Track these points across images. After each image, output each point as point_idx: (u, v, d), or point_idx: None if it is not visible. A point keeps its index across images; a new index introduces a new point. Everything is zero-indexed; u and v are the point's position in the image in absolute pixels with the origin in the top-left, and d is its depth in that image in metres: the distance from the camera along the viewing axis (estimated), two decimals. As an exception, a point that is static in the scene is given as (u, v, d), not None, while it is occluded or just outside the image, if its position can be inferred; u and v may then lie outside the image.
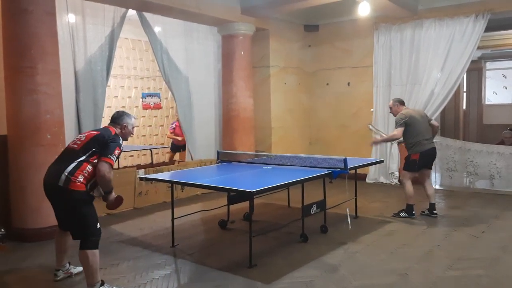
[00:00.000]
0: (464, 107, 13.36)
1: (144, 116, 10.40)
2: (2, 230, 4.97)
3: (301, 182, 4.57)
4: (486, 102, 13.74)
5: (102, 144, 3.61)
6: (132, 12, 6.80)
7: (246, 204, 5.18)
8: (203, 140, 8.23)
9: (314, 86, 9.51)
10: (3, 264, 4.43)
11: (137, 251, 4.76)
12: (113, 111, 9.57)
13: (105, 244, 4.99)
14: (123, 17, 6.64)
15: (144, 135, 10.41)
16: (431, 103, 7.83)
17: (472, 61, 8.16)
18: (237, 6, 7.67)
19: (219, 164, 6.09)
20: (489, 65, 13.50)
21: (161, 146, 10.49)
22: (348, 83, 9.03)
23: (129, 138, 4.12)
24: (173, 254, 4.62)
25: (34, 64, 5.07)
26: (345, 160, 4.85)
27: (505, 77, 13.48)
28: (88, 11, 6.25)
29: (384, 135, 8.33)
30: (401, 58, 8.13)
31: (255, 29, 8.10)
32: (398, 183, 8.26)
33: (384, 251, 4.58)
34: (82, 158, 3.55)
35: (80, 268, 3.91)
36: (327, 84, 9.33)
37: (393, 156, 8.30)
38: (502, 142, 8.29)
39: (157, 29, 7.26)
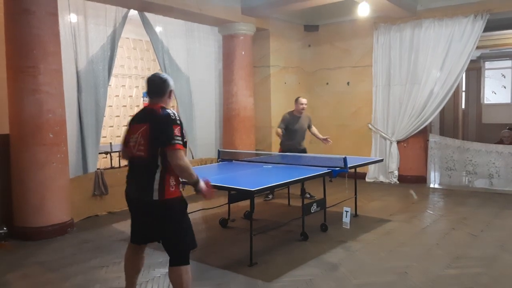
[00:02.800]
0: (463, 106, 13.40)
1: (144, 116, 10.42)
2: (4, 228, 5.04)
3: (302, 181, 4.60)
4: (485, 102, 13.77)
5: (158, 134, 2.93)
6: (133, 12, 6.84)
7: (246, 202, 5.25)
8: (204, 139, 8.26)
9: (314, 85, 9.55)
10: (5, 262, 4.47)
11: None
12: (114, 110, 9.76)
13: (107, 242, 5.06)
14: (125, 17, 6.67)
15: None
16: (430, 102, 7.88)
17: (471, 61, 8.20)
18: (238, 7, 7.70)
19: (220, 162, 6.12)
20: (488, 64, 13.53)
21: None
22: (348, 83, 9.07)
23: None
24: (174, 253, 4.65)
25: (36, 64, 5.10)
26: (345, 159, 4.89)
27: (504, 77, 13.52)
28: (90, 11, 6.28)
29: (383, 134, 8.39)
30: (401, 57, 8.17)
31: (255, 29, 8.14)
32: (398, 182, 8.31)
33: (383, 249, 4.62)
34: (158, 164, 2.94)
35: None
36: (327, 83, 9.37)
37: (393, 155, 8.34)
38: (501, 142, 8.34)
39: (158, 29, 7.29)
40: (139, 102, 10.29)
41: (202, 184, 3.09)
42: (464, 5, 7.44)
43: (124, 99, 9.97)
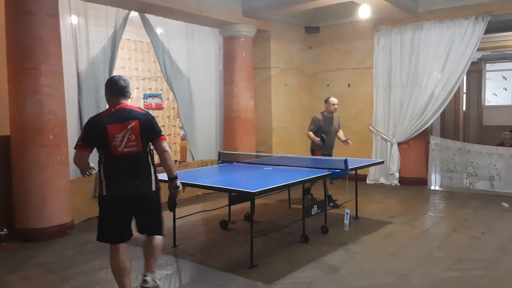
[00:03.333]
0: (464, 108, 13.40)
1: (145, 117, 10.42)
2: (5, 230, 5.03)
3: (302, 182, 4.61)
4: (486, 104, 13.77)
5: (149, 127, 3.29)
6: (134, 14, 6.84)
7: (247, 204, 5.24)
8: (204, 141, 8.26)
9: (314, 87, 9.55)
10: (6, 264, 4.47)
11: (138, 251, 4.73)
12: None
13: (107, 244, 5.03)
14: (125, 19, 6.68)
15: (145, 136, 10.43)
16: (431, 104, 7.87)
17: (472, 63, 8.20)
18: (239, 8, 7.71)
19: (221, 164, 6.12)
20: (489, 66, 13.53)
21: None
22: (349, 85, 9.07)
23: None
24: (174, 254, 4.65)
25: (37, 66, 5.11)
26: (345, 161, 4.88)
27: (505, 79, 13.51)
28: (91, 13, 6.28)
29: (384, 136, 8.38)
30: (401, 59, 8.17)
31: (256, 31, 8.14)
32: (398, 184, 8.30)
33: (384, 251, 4.61)
34: (149, 156, 3.35)
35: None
36: (328, 85, 9.36)
37: (393, 157, 8.33)
38: (502, 144, 8.33)
39: (159, 31, 7.29)
40: (139, 103, 10.29)
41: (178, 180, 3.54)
42: (465, 7, 7.44)
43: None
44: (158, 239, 3.56)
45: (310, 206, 4.97)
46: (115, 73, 7.07)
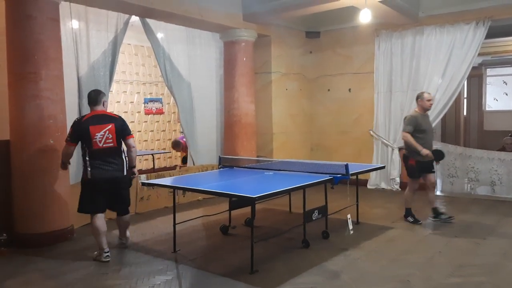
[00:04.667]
0: (465, 113, 13.38)
1: (146, 121, 10.45)
2: (4, 235, 5.01)
3: (303, 187, 4.58)
4: (487, 109, 13.76)
5: (122, 129, 4.60)
6: (135, 18, 6.86)
7: (247, 209, 5.23)
8: (205, 145, 8.25)
9: (315, 92, 9.55)
10: (5, 269, 4.45)
11: (138, 256, 4.77)
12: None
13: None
14: (126, 23, 6.69)
15: (146, 140, 10.45)
16: (431, 109, 7.83)
17: (473, 68, 8.18)
18: (239, 13, 7.72)
19: (221, 169, 6.11)
20: (489, 71, 13.53)
21: (162, 151, 10.52)
22: (349, 89, 9.07)
23: None
24: (174, 260, 4.63)
25: (37, 70, 5.11)
26: (346, 166, 4.86)
27: (506, 84, 13.51)
28: (92, 17, 6.29)
29: (385, 140, 8.37)
30: (402, 64, 8.17)
31: (257, 36, 8.14)
32: (399, 189, 8.27)
33: (385, 257, 4.58)
34: (122, 149, 4.59)
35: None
36: (328, 90, 9.37)
37: (394, 162, 8.31)
38: (503, 149, 8.31)
39: (159, 35, 7.31)
40: (140, 108, 10.30)
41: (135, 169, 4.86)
42: (465, 12, 7.45)
43: (125, 105, 9.98)
44: (126, 217, 4.94)
45: (310, 211, 4.95)
46: (115, 77, 7.09)
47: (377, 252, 4.76)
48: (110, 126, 4.51)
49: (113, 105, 9.44)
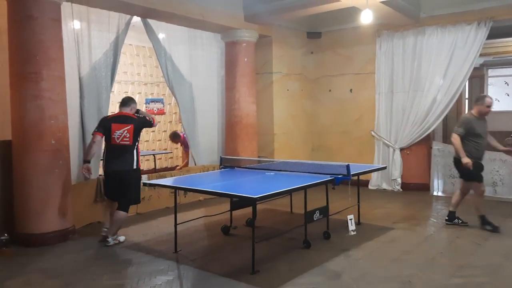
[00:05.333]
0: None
1: (147, 122, 10.43)
2: (6, 235, 5.01)
3: (304, 188, 4.57)
4: (488, 109, 13.73)
5: (141, 127, 5.19)
6: (136, 19, 6.86)
7: (248, 210, 5.22)
8: (206, 146, 8.25)
9: (316, 92, 9.55)
10: (7, 269, 4.45)
11: (140, 257, 4.77)
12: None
13: (108, 249, 5.03)
14: (128, 24, 6.69)
15: (147, 141, 10.45)
16: (433, 110, 7.85)
17: (474, 68, 8.18)
18: (241, 13, 7.72)
19: (222, 169, 6.11)
20: (491, 72, 13.51)
21: (164, 151, 10.53)
22: (351, 90, 9.06)
23: None
24: (176, 260, 4.63)
25: (39, 70, 5.11)
26: (348, 166, 4.86)
27: (507, 84, 13.49)
28: (93, 18, 6.29)
29: (386, 141, 8.36)
30: (403, 65, 8.16)
31: (258, 36, 8.15)
32: (401, 190, 8.27)
33: (387, 258, 4.57)
34: (135, 147, 5.11)
35: (122, 238, 5.25)
36: (330, 90, 9.36)
37: (396, 163, 8.30)
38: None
39: (161, 36, 7.31)
40: (142, 108, 10.28)
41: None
42: (467, 12, 7.44)
43: (126, 106, 9.97)
44: (121, 214, 5.12)
45: (312, 211, 4.94)
46: (117, 78, 7.09)
47: (378, 253, 4.76)
48: (129, 127, 5.05)
49: (114, 105, 9.42)
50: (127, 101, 5.28)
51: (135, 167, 5.10)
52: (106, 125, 5.05)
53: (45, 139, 5.18)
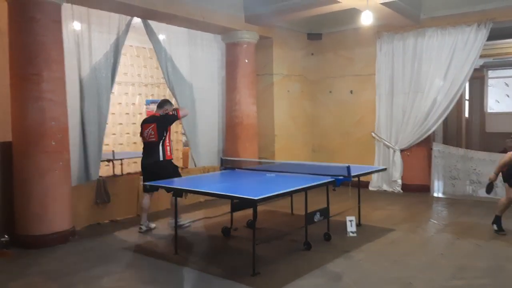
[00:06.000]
0: (467, 115, 13.37)
1: (147, 123, 10.42)
2: (6, 236, 5.01)
3: (305, 189, 4.57)
4: (488, 110, 13.74)
5: (164, 123, 5.67)
6: (137, 20, 6.86)
7: (249, 211, 5.20)
8: (207, 147, 8.24)
9: (317, 94, 9.55)
10: (7, 270, 4.45)
11: (140, 258, 4.77)
12: (117, 117, 9.79)
13: (109, 251, 5.03)
14: (128, 25, 6.69)
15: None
16: (433, 111, 7.85)
17: (474, 70, 8.19)
18: (241, 15, 7.73)
19: (223, 171, 6.10)
20: (491, 73, 13.52)
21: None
22: (351, 91, 9.06)
23: (133, 145, 6.44)
24: (176, 262, 4.62)
25: (39, 72, 5.12)
26: (348, 168, 4.85)
27: (508, 85, 13.50)
28: (94, 19, 6.30)
29: (387, 142, 8.36)
30: (404, 66, 8.16)
31: (258, 37, 8.15)
32: (401, 191, 8.26)
33: (387, 259, 4.57)
34: (161, 142, 5.64)
35: (153, 225, 5.90)
36: (330, 92, 9.37)
37: (396, 164, 8.30)
38: (505, 151, 8.27)
39: (161, 37, 7.30)
40: (142, 109, 10.29)
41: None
42: (467, 14, 7.44)
43: (127, 107, 9.96)
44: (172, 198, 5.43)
45: (312, 213, 4.94)
46: (117, 79, 7.09)
47: (379, 254, 4.75)
48: (152, 125, 5.65)
49: (115, 106, 9.43)
50: (160, 103, 5.89)
51: (161, 159, 5.64)
52: (141, 127, 5.85)
53: (46, 140, 5.18)
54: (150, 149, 5.70)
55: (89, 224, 6.13)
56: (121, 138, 9.84)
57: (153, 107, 10.50)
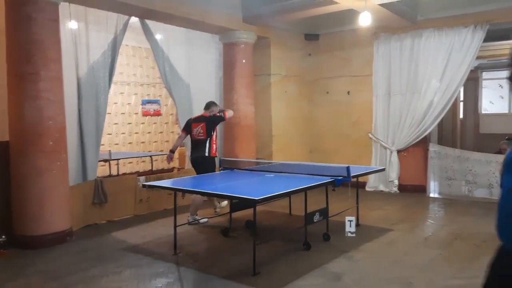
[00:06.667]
0: (461, 116, 13.44)
1: (143, 123, 10.41)
2: (3, 236, 4.96)
3: (305, 190, 4.57)
4: (483, 112, 13.83)
5: (213, 123, 6.34)
6: (133, 19, 6.82)
7: (246, 212, 5.22)
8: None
9: (314, 94, 9.56)
10: (4, 271, 4.40)
11: (139, 259, 4.74)
12: (113, 117, 9.74)
13: (106, 251, 5.01)
14: (126, 24, 6.65)
15: (143, 142, 10.41)
16: (430, 112, 7.89)
17: (469, 71, 8.22)
18: (239, 15, 7.71)
19: (222, 171, 6.09)
20: (485, 75, 13.60)
21: (160, 153, 10.46)
22: (348, 92, 9.08)
23: (129, 145, 6.75)
24: (175, 262, 4.60)
25: (37, 71, 5.08)
26: (348, 168, 4.86)
27: (502, 87, 13.58)
28: (91, 18, 6.25)
29: (383, 143, 8.39)
30: (401, 67, 8.19)
31: (256, 38, 8.14)
32: (398, 191, 8.29)
33: (387, 259, 4.58)
34: (208, 140, 6.24)
35: (205, 220, 6.21)
36: (327, 92, 9.38)
37: (393, 165, 8.33)
38: (499, 152, 8.34)
39: (158, 37, 7.27)
40: (138, 109, 10.26)
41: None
42: (464, 15, 7.49)
43: (122, 107, 9.94)
44: (198, 196, 5.95)
45: (312, 213, 4.94)
46: (114, 79, 7.06)
47: (378, 254, 4.77)
48: (202, 124, 6.26)
49: (110, 106, 9.38)
50: (208, 105, 6.47)
51: (207, 154, 6.22)
52: (188, 126, 6.38)
53: (43, 140, 5.14)
54: (198, 145, 6.28)
55: (87, 225, 6.09)
56: (117, 138, 9.81)
57: (149, 106, 10.56)
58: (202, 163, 6.23)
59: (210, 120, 6.32)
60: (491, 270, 1.86)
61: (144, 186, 5.19)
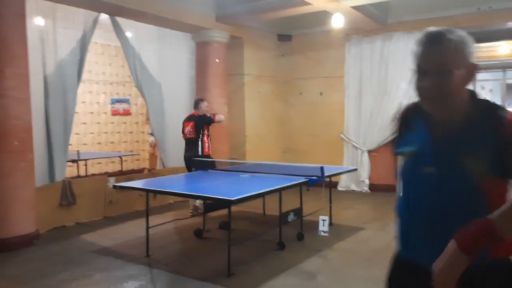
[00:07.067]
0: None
1: (113, 123, 10.16)
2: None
3: (280, 190, 4.57)
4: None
5: (201, 123, 6.39)
6: (103, 16, 6.64)
7: (219, 213, 5.18)
8: (176, 148, 8.05)
9: (287, 95, 9.59)
10: (-33, 277, 4.20)
11: (110, 261, 4.62)
12: (81, 116, 9.50)
13: (76, 254, 4.86)
14: (95, 21, 6.47)
15: (112, 142, 10.17)
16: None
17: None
18: (212, 14, 7.65)
19: (194, 171, 6.02)
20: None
21: (130, 153, 10.27)
22: (321, 93, 9.16)
23: (97, 145, 6.72)
24: (148, 264, 4.51)
25: (2, 68, 4.88)
26: (322, 168, 4.90)
27: (483, 88, 13.99)
28: (59, 14, 6.06)
29: (355, 144, 8.51)
30: (372, 69, 8.32)
31: (229, 37, 8.09)
32: (369, 191, 8.43)
33: (360, 257, 4.64)
34: (200, 139, 6.40)
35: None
36: (300, 93, 9.43)
37: (364, 165, 8.45)
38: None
39: (129, 34, 7.12)
40: (107, 108, 10.02)
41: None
42: (434, 19, 7.64)
43: (91, 105, 9.68)
44: None
45: (286, 213, 4.95)
46: (82, 77, 6.86)
47: (351, 253, 4.82)
48: (191, 123, 6.41)
49: (78, 105, 9.05)
50: (195, 103, 6.61)
51: (200, 153, 6.34)
52: (183, 124, 6.56)
53: (8, 139, 4.94)
54: (191, 144, 6.47)
55: (54, 227, 5.89)
56: (85, 138, 9.55)
57: (119, 106, 10.34)
58: (192, 163, 6.29)
59: (198, 119, 6.42)
60: None
61: (115, 187, 5.06)
